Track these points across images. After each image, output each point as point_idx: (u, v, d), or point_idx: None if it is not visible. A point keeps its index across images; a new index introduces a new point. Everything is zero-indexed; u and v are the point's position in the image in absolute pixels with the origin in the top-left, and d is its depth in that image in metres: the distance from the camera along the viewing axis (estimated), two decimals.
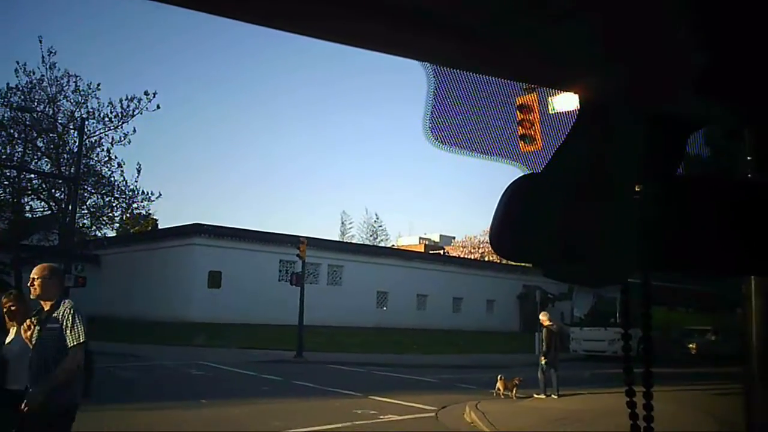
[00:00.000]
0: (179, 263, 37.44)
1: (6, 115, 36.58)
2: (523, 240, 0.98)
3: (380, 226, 68.00)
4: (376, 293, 44.34)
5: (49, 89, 35.90)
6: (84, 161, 33.99)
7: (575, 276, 0.94)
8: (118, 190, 38.00)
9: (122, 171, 38.71)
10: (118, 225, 43.22)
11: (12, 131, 36.89)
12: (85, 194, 37.02)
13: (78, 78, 36.28)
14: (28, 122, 36.82)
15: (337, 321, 36.97)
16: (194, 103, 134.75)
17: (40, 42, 39.55)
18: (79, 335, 5.00)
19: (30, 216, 41.52)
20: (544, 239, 0.93)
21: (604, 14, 0.67)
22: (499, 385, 15.55)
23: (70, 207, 32.82)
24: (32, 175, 37.47)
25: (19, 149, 37.21)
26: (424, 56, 1.55)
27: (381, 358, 23.92)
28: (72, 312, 5.04)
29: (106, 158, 37.40)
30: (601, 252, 0.90)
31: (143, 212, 41.59)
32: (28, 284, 5.11)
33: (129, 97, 36.17)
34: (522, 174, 1.20)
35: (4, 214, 40.29)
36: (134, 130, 37.67)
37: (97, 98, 37.53)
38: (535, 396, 15.68)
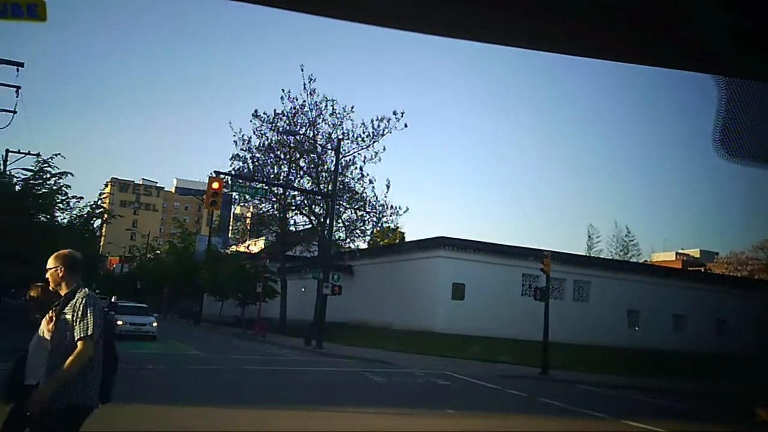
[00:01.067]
0: (425, 275, 38.55)
1: (274, 138, 40.68)
2: None
3: (631, 240, 63.98)
4: (627, 312, 41.73)
5: (309, 113, 39.31)
6: (339, 179, 36.51)
7: None
8: (369, 205, 40.35)
9: (373, 187, 41.18)
10: (369, 237, 45.85)
11: (279, 153, 40.94)
12: (341, 209, 39.72)
13: (335, 102, 39.29)
14: (292, 144, 40.62)
15: (583, 339, 35.35)
16: (437, 121, 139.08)
17: (302, 70, 43.83)
18: (87, 327, 4.42)
19: (294, 229, 45.59)
20: None
21: None
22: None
23: (327, 221, 35.32)
24: (295, 192, 41.14)
25: (285, 169, 41.19)
26: (701, 66, 1.46)
27: (634, 381, 22.29)
28: (83, 302, 4.50)
29: (359, 176, 39.95)
30: None
31: (392, 225, 43.59)
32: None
33: (379, 118, 38.27)
34: None
35: (272, 227, 44.80)
36: (384, 149, 39.83)
37: (351, 120, 40.26)
38: None
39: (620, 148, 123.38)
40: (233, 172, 39.01)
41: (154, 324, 30.63)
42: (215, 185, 26.57)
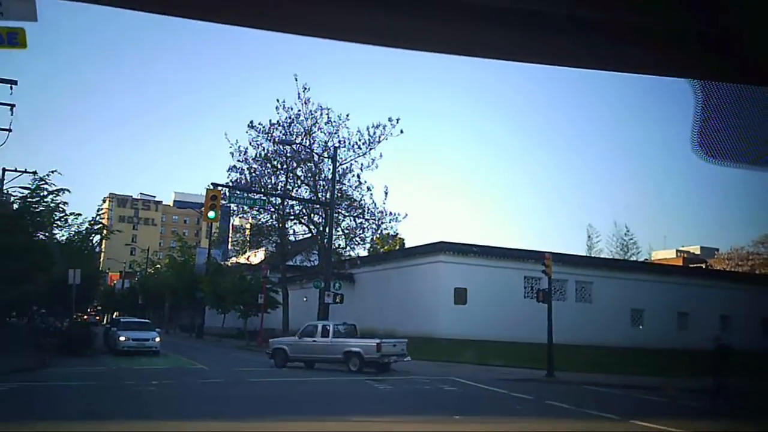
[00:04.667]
0: (426, 280, 38.45)
1: (270, 148, 40.61)
2: None
3: (631, 238, 63.62)
4: (630, 311, 41.61)
5: (305, 122, 39.19)
6: (337, 187, 36.36)
7: None
8: (368, 213, 40.18)
9: (371, 194, 41.01)
10: (369, 245, 45.67)
11: (275, 163, 40.83)
12: (340, 217, 39.55)
13: (330, 110, 39.18)
14: (288, 154, 40.49)
15: (587, 339, 35.21)
16: (433, 125, 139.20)
17: (296, 80, 43.64)
18: None
19: (293, 239, 45.43)
20: None
21: None
22: None
23: (327, 230, 35.17)
24: (294, 202, 41.02)
25: (282, 178, 41.05)
26: (695, 74, 1.52)
27: (640, 380, 22.18)
28: None
29: (357, 183, 39.79)
30: None
31: (391, 232, 43.45)
32: None
33: (375, 125, 38.16)
34: None
35: (272, 238, 44.68)
36: (381, 155, 39.72)
37: (347, 128, 40.05)
38: None
39: (618, 148, 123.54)
40: (230, 184, 38.87)
41: (157, 339, 30.40)
42: (212, 197, 26.51)
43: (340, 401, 15.97)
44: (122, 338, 29.20)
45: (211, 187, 27.98)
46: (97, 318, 78.98)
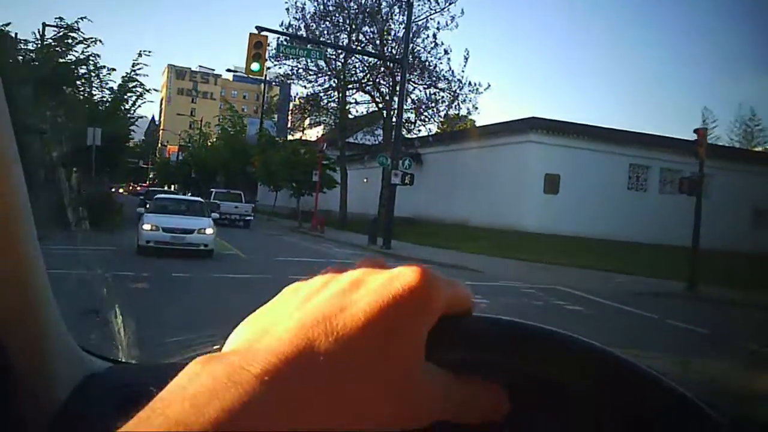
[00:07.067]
0: (510, 164, 32.54)
1: (331, 2, 34.60)
2: None
3: (757, 125, 54.83)
4: (753, 210, 35.19)
5: None
6: (409, 47, 30.36)
7: None
8: (443, 80, 34.24)
9: (449, 59, 34.93)
10: (443, 119, 39.90)
11: (338, 17, 34.79)
12: (408, 87, 33.69)
13: None
14: (353, 11, 34.39)
15: (701, 242, 29.28)
16: None
17: None
18: None
19: (354, 112, 40.13)
20: None
21: None
22: None
23: (395, 98, 29.74)
24: (356, 66, 35.31)
25: (344, 36, 35.00)
26: None
27: None
28: None
29: (432, 44, 33.73)
30: None
31: (470, 105, 37.20)
32: None
33: None
34: None
35: (331, 110, 39.37)
36: (462, 12, 33.21)
37: None
38: None
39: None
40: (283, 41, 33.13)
41: (209, 231, 17.73)
42: (257, 43, 21.09)
43: None
44: (147, 227, 17.22)
45: (256, 32, 22.14)
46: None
